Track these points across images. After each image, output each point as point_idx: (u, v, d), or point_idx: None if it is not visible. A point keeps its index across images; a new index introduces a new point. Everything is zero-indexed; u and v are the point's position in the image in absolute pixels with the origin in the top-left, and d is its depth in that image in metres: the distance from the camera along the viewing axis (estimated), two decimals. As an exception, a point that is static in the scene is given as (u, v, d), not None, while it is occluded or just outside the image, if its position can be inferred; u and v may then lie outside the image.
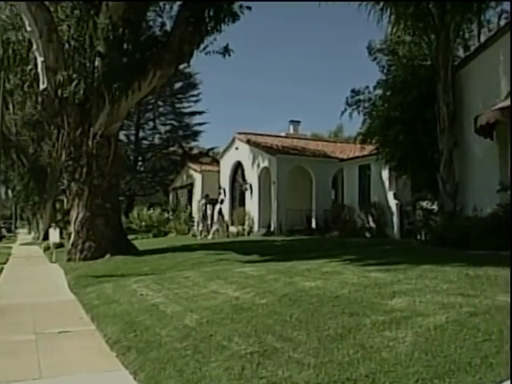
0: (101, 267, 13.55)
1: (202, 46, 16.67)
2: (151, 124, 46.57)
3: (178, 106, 46.29)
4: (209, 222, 26.06)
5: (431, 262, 8.46)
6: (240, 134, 29.66)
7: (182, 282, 9.06)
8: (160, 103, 45.30)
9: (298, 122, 34.54)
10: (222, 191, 30.28)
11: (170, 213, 33.83)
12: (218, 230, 25.17)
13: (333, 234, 22.14)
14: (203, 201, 26.46)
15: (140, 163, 46.55)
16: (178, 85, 44.46)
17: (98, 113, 16.22)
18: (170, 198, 38.71)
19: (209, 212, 26.38)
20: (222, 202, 26.55)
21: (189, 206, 33.38)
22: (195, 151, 45.25)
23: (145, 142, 46.58)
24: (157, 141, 46.58)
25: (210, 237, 24.80)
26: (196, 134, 46.67)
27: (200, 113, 46.23)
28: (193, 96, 45.96)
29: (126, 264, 13.57)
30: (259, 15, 73.81)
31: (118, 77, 15.69)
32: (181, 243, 20.63)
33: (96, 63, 16.30)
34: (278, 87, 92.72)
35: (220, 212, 25.72)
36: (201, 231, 25.54)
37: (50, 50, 15.74)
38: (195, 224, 31.10)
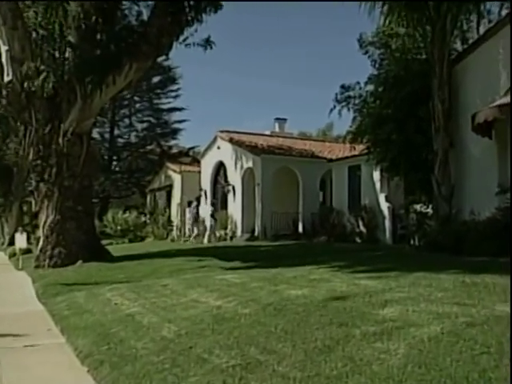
0: (72, 275, 13.45)
1: (181, 38, 16.64)
2: (127, 121, 46.41)
3: (155, 101, 46.17)
4: (207, 225, 26.01)
5: (425, 269, 8.51)
6: (222, 132, 29.68)
7: (160, 291, 9.03)
8: (136, 99, 45.17)
9: (284, 119, 34.70)
10: (202, 193, 30.26)
11: (148, 216, 33.74)
12: (214, 234, 25.21)
13: (321, 239, 22.21)
14: (195, 203, 26.38)
15: (115, 163, 46.35)
16: (155, 79, 44.32)
17: (69, 108, 16.09)
18: (148, 200, 38.61)
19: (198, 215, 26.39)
20: (213, 204, 26.51)
21: (167, 209, 33.30)
22: (174, 150, 45.12)
23: (120, 140, 46.38)
24: (133, 139, 46.42)
25: (205, 241, 24.88)
26: (175, 131, 46.57)
27: (179, 109, 46.14)
28: (172, 91, 45.86)
29: (100, 271, 13.49)
30: (242, 9, 73.89)
31: (91, 69, 15.56)
32: (159, 249, 20.60)
33: (67, 54, 16.15)
34: (262, 83, 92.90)
35: (213, 215, 25.67)
36: (194, 236, 25.52)
37: (15, 38, 15.45)
38: (174, 228, 31.05)
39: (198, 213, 26.10)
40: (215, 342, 5.36)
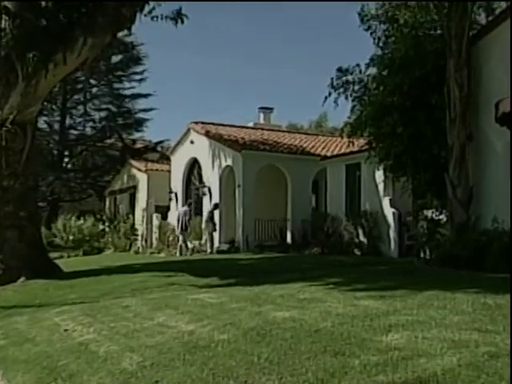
0: (11, 295, 13.35)
1: (147, 9, 16.57)
2: (81, 109, 46.11)
3: (116, 86, 45.88)
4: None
5: (438, 287, 8.56)
6: (196, 123, 29.69)
7: (120, 313, 9.01)
8: (93, 82, 44.89)
9: (270, 109, 34.76)
10: (173, 196, 30.21)
11: (107, 224, 33.61)
12: (211, 242, 25.30)
13: (313, 251, 22.28)
14: (186, 208, 26.33)
15: (67, 159, 46.07)
16: (116, 58, 44.12)
17: (8, 92, 15.92)
18: (107, 204, 38.48)
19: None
20: (217, 206, 26.30)
21: (131, 215, 33.22)
22: (139, 145, 44.94)
23: (73, 131, 46.04)
24: (89, 131, 46.13)
25: (208, 250, 24.91)
26: (140, 122, 46.33)
27: (145, 96, 45.84)
28: (136, 74, 45.54)
29: (47, 290, 13.40)
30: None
31: (35, 44, 15.38)
32: (120, 262, 20.54)
33: (3, 24, 15.92)
34: (244, 66, 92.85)
35: (212, 219, 25.69)
36: (180, 246, 25.48)
37: None
38: (139, 238, 30.97)
39: (190, 220, 25.93)
40: (186, 375, 5.32)
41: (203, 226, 26.13)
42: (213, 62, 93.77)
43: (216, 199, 26.77)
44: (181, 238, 25.59)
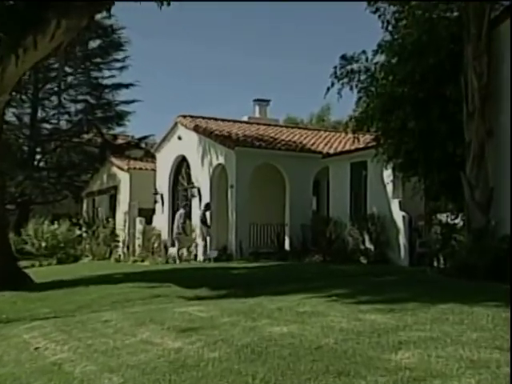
0: (-25, 309, 13.27)
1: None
2: (55, 100, 45.92)
3: (94, 74, 45.63)
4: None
5: (453, 300, 8.58)
6: (185, 117, 29.73)
7: (99, 329, 9.00)
8: (68, 70, 44.67)
9: (267, 101, 34.85)
10: (158, 198, 30.17)
11: (84, 229, 33.57)
12: (204, 248, 25.34)
13: (314, 259, 22.29)
14: (182, 210, 26.31)
15: (39, 156, 45.90)
16: (94, 44, 43.96)
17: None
18: (84, 207, 38.48)
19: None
20: (209, 207, 26.33)
21: (111, 219, 33.15)
22: (121, 141, 44.82)
23: (46, 125, 45.83)
24: (64, 124, 45.95)
25: (200, 258, 24.96)
26: (122, 115, 46.12)
27: (127, 86, 45.63)
28: (117, 61, 45.33)
29: (15, 304, 13.35)
30: None
31: (1, 27, 15.32)
32: (99, 272, 20.57)
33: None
34: (238, 54, 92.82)
35: (205, 222, 25.70)
36: (178, 251, 25.47)
37: None
38: (121, 244, 30.92)
39: (184, 223, 25.90)
40: (172, 398, 5.32)
41: (196, 230, 26.09)
42: (203, 51, 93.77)
43: (206, 201, 26.72)
44: (176, 243, 25.59)
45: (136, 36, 64.64)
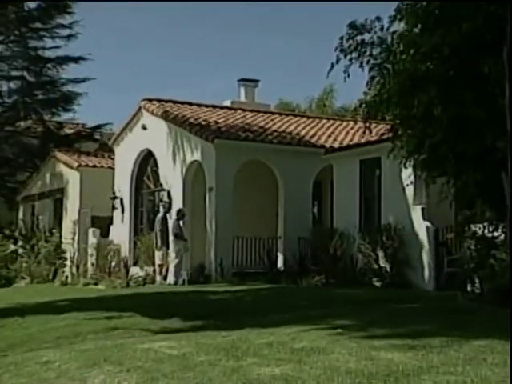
0: None
1: None
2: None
3: (33, 44, 45.33)
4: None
5: (492, 335, 8.58)
6: (151, 101, 29.76)
7: (38, 372, 8.91)
8: (-2, 37, 44.49)
9: (255, 81, 34.91)
10: (117, 203, 30.06)
11: (20, 243, 33.47)
12: (179, 268, 25.24)
13: (314, 281, 22.29)
14: (161, 214, 26.30)
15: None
16: (32, 4, 43.68)
17: None
18: (20, 214, 38.31)
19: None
20: (183, 214, 26.18)
21: (56, 230, 33.02)
22: (69, 130, 44.70)
23: (-32, 109, 45.75)
24: (-6, 108, 45.82)
25: (171, 280, 24.94)
26: (69, 98, 45.95)
27: (76, 60, 45.46)
28: (62, 28, 45.11)
29: None
30: None
31: None
32: (40, 298, 20.49)
33: None
34: (219, 25, 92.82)
35: (181, 235, 25.66)
36: (160, 269, 25.52)
37: None
38: (68, 262, 30.82)
39: (165, 231, 25.80)
40: None
41: (171, 245, 25.92)
42: (176, 20, 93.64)
43: (178, 206, 26.65)
44: (157, 256, 25.62)
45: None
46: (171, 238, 25.68)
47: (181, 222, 25.85)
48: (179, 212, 26.05)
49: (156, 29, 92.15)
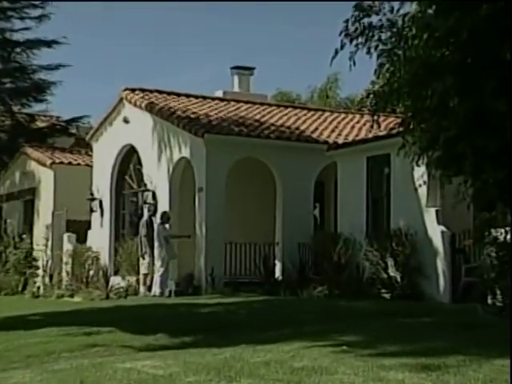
0: None
1: None
2: None
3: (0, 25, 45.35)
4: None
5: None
6: (134, 91, 29.83)
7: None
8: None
9: (250, 69, 35.00)
10: (95, 205, 30.05)
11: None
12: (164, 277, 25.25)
13: (315, 292, 22.39)
14: (146, 218, 26.33)
15: None
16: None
17: None
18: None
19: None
20: (167, 217, 26.21)
21: (26, 236, 33.04)
22: (41, 124, 44.70)
23: None
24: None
25: (157, 291, 24.97)
26: (42, 87, 45.96)
27: (49, 44, 45.41)
28: (33, 7, 45.06)
29: None
30: None
31: None
32: (8, 312, 20.53)
33: None
34: (209, 6, 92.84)
35: (167, 239, 25.68)
36: (145, 279, 25.54)
37: None
38: (40, 272, 30.80)
39: (150, 236, 25.79)
40: None
41: (155, 251, 25.83)
42: (163, 4, 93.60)
43: (164, 208, 26.68)
44: (141, 264, 25.77)
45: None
46: (156, 244, 25.69)
47: (166, 226, 25.87)
48: (163, 215, 26.07)
49: (140, 11, 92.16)
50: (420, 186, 20.85)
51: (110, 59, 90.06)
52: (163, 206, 26.89)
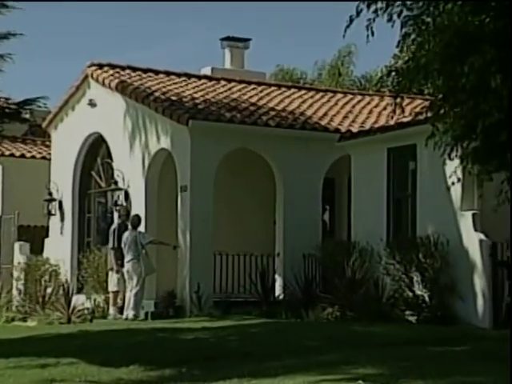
0: None
1: None
2: None
3: None
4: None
5: None
6: (101, 67, 29.91)
7: None
8: None
9: (245, 41, 35.03)
10: (54, 208, 30.03)
11: None
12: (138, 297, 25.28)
13: (324, 314, 22.49)
14: (116, 223, 26.40)
15: None
16: None
17: None
18: None
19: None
20: (139, 221, 26.05)
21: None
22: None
23: None
24: None
25: (130, 314, 24.98)
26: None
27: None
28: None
29: None
30: None
31: None
32: None
33: None
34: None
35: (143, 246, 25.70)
36: (115, 298, 25.57)
37: None
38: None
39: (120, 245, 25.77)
40: None
41: (128, 265, 25.82)
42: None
43: (139, 212, 26.66)
44: (110, 280, 25.81)
45: None
46: (129, 255, 25.60)
47: (143, 231, 25.84)
48: (134, 218, 26.01)
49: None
50: (453, 184, 20.78)
51: (72, 28, 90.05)
52: (138, 208, 26.91)
